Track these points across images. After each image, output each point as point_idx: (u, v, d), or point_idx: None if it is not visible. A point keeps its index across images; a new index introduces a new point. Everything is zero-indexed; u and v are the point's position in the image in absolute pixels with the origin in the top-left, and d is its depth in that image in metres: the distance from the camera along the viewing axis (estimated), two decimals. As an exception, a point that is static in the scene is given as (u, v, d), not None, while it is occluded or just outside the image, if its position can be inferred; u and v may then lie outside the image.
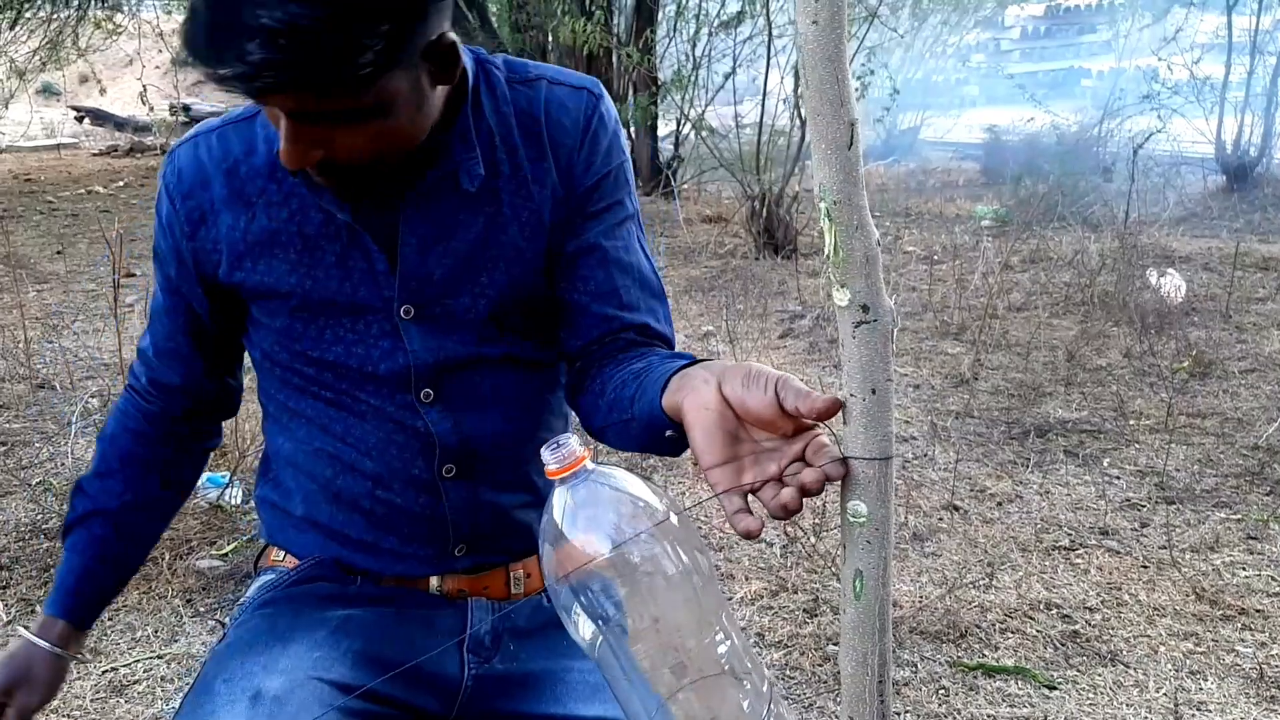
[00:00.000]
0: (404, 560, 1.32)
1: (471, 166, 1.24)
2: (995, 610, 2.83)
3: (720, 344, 5.33)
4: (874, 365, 1.16)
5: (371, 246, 1.24)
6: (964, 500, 3.63)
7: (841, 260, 1.14)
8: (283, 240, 1.23)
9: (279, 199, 1.23)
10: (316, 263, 1.24)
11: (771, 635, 2.72)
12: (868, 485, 1.20)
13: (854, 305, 1.15)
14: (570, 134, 1.29)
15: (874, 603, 1.23)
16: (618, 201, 1.33)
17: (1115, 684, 2.52)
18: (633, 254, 1.33)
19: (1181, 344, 5.25)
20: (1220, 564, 3.15)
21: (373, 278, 1.24)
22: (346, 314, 1.25)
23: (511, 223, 1.27)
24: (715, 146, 8.69)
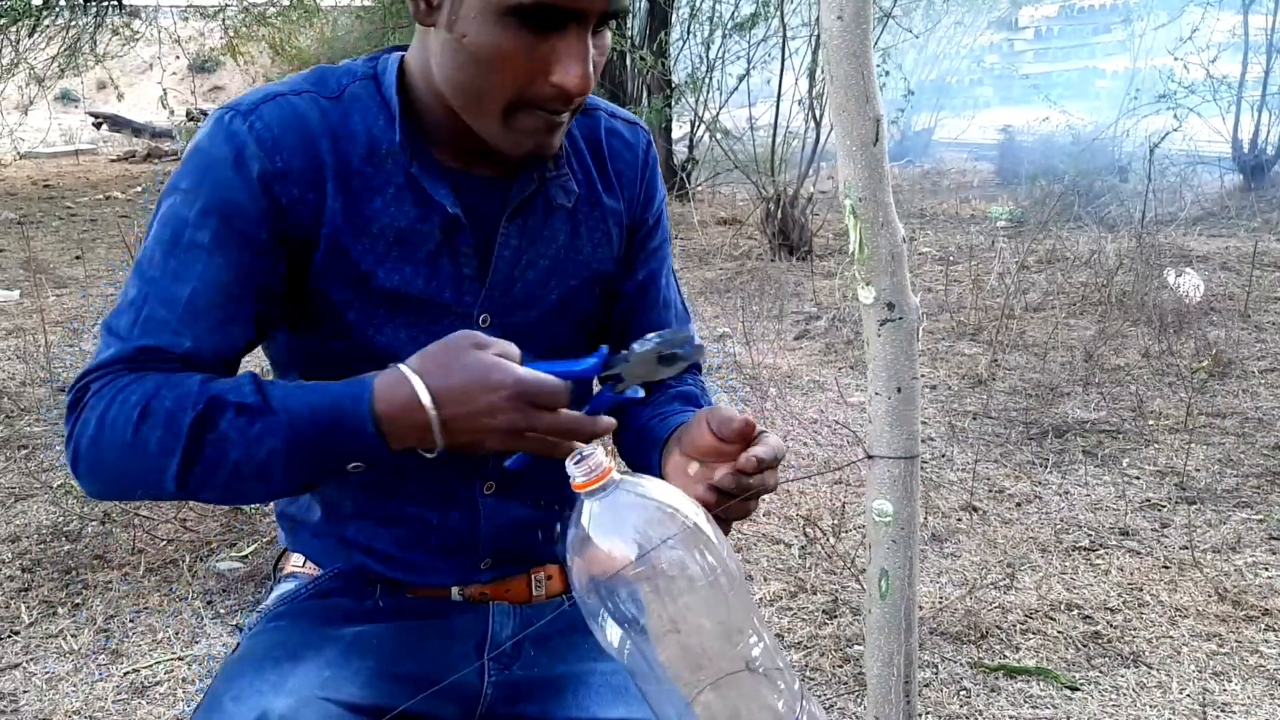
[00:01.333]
0: (429, 573, 1.31)
1: (565, 182, 1.28)
2: (1016, 611, 2.82)
3: (736, 345, 5.33)
4: (899, 363, 1.16)
5: (467, 248, 1.22)
6: (982, 501, 3.62)
7: (866, 258, 1.14)
8: (374, 230, 1.18)
9: (377, 184, 1.18)
10: (405, 256, 1.19)
11: (791, 636, 2.71)
12: (893, 484, 1.20)
13: (879, 303, 1.15)
14: (632, 168, 1.36)
15: (900, 602, 1.23)
16: (666, 238, 1.44)
17: (1138, 685, 2.50)
18: (672, 288, 1.45)
19: (1201, 343, 5.22)
20: (1242, 564, 3.13)
21: (459, 281, 1.22)
22: (424, 313, 1.21)
23: (585, 244, 1.32)
24: (729, 148, 8.68)
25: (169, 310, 1.09)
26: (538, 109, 1.12)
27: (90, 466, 1.06)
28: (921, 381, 4.94)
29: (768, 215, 7.80)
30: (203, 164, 1.13)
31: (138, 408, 1.03)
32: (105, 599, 2.91)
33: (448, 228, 1.20)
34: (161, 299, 1.10)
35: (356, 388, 1.03)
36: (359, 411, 1.01)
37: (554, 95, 1.10)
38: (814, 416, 4.48)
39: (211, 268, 1.11)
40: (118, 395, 1.05)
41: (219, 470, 1.03)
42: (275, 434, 1.02)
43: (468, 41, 1.08)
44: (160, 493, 1.04)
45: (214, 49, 16.09)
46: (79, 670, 2.59)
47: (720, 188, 10.66)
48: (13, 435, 4.12)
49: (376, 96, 1.19)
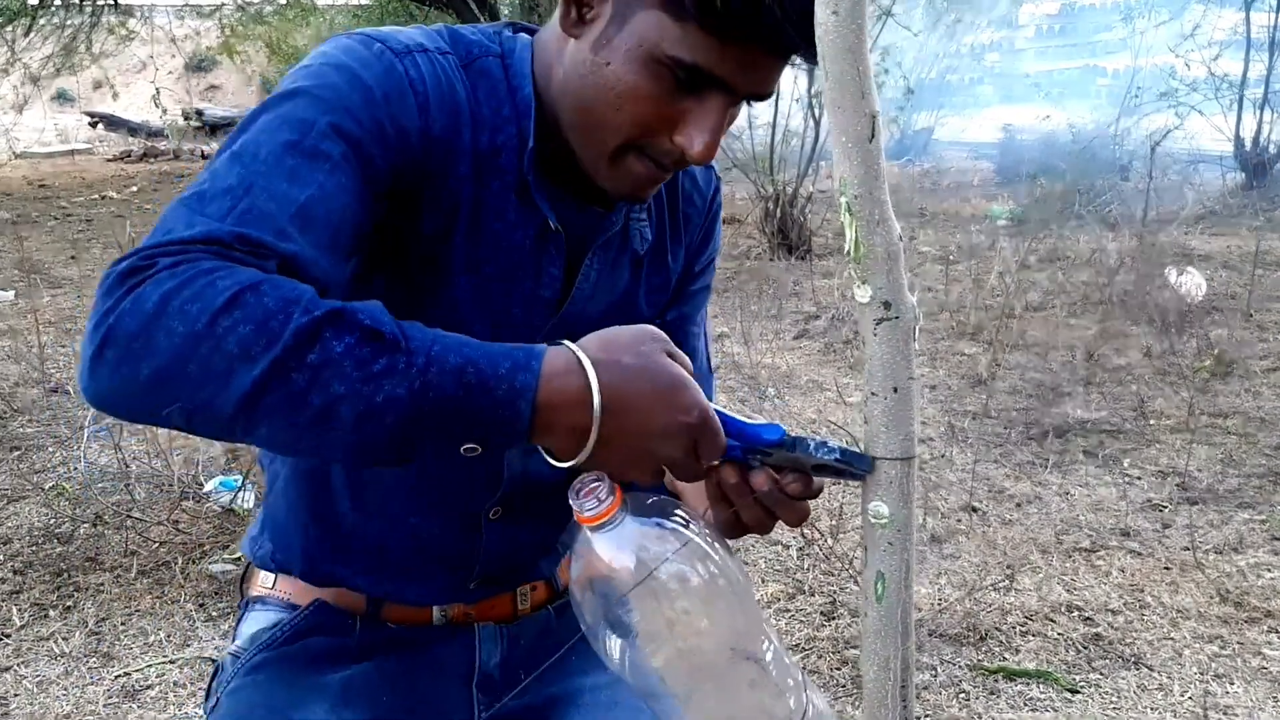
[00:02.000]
0: (413, 588, 1.25)
1: (644, 227, 1.22)
2: (1016, 613, 2.79)
3: (735, 345, 5.30)
4: (896, 363, 1.13)
5: (554, 269, 1.14)
6: (982, 501, 3.59)
7: (862, 256, 1.11)
8: (476, 225, 1.08)
9: (488, 177, 1.08)
10: (490, 260, 1.10)
11: (789, 638, 2.68)
12: (890, 486, 1.17)
13: (875, 302, 1.12)
14: (699, 212, 1.30)
15: (896, 605, 1.20)
16: (708, 286, 1.36)
17: (1139, 687, 2.47)
18: (701, 339, 1.36)
19: (1203, 343, 5.20)
20: (1244, 565, 3.10)
21: (534, 302, 1.14)
22: (489, 325, 1.11)
23: (645, 289, 1.26)
24: (728, 147, 8.65)
25: (280, 207, 0.88)
26: (650, 158, 1.06)
27: (124, 356, 0.78)
28: (921, 381, 4.91)
29: (766, 214, 7.77)
30: (348, 80, 0.98)
31: (226, 293, 0.78)
32: (97, 601, 2.88)
33: (541, 242, 1.12)
34: (271, 193, 0.89)
35: (522, 355, 0.85)
36: (518, 384, 0.83)
37: (672, 154, 1.04)
38: (813, 416, 4.45)
39: (334, 183, 0.93)
40: (199, 276, 0.80)
41: (307, 402, 0.78)
42: (403, 378, 0.80)
43: (610, 71, 1.01)
44: (210, 412, 0.79)
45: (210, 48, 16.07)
46: (70, 673, 2.56)
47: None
48: (5, 436, 4.09)
49: (504, 81, 1.10)
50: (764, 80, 1.03)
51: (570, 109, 1.07)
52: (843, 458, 1.08)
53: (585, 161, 1.08)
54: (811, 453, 1.06)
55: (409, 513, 1.22)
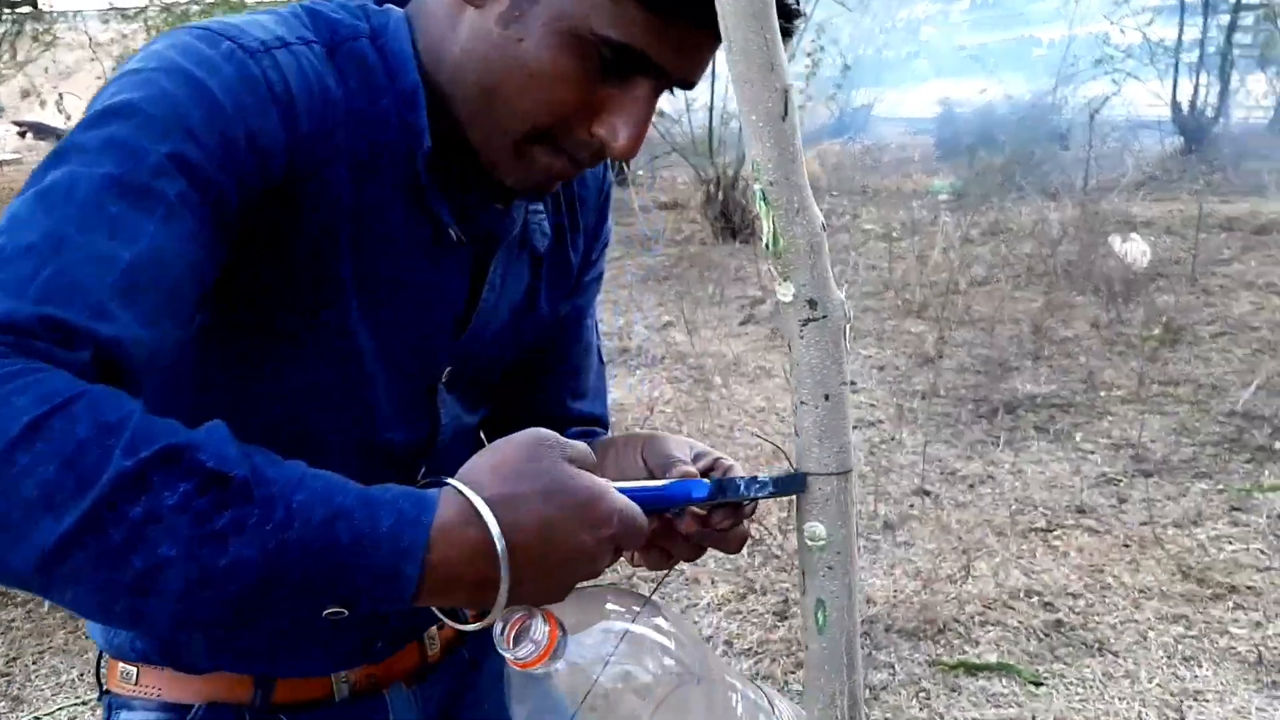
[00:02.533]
0: (308, 659, 1.08)
1: (542, 222, 1.07)
2: (974, 602, 2.69)
3: (679, 334, 5.18)
4: (826, 367, 1.00)
5: (457, 284, 0.98)
6: (934, 484, 3.49)
7: (782, 250, 0.97)
8: (360, 241, 0.90)
9: (370, 184, 0.90)
10: (381, 280, 0.93)
11: (740, 642, 2.56)
12: (825, 504, 1.05)
13: (799, 300, 0.99)
14: (592, 192, 1.14)
15: (840, 635, 1.07)
16: (601, 275, 1.21)
17: (1105, 675, 2.38)
18: (594, 330, 1.23)
19: (1150, 311, 5.14)
20: (1205, 539, 3.02)
21: (436, 323, 0.98)
22: (386, 354, 0.95)
23: (547, 289, 1.11)
24: (666, 130, 8.52)
25: (98, 272, 0.70)
26: (563, 150, 0.91)
27: None
28: (868, 362, 4.82)
29: (708, 198, 7.66)
30: (189, 91, 0.79)
31: (25, 415, 0.61)
32: (7, 639, 2.71)
33: (439, 254, 0.96)
34: (87, 253, 0.70)
35: (409, 507, 0.71)
36: (404, 544, 0.69)
37: (589, 146, 0.90)
38: (761, 405, 4.34)
39: (171, 233, 0.75)
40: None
41: (126, 564, 0.63)
42: (254, 537, 0.65)
43: (523, 48, 0.86)
44: (3, 569, 0.63)
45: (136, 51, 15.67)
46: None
47: (661, 172, 10.50)
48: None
49: (380, 66, 0.92)
50: (699, 65, 0.90)
51: (468, 92, 0.91)
52: (777, 489, 0.96)
53: (485, 153, 0.92)
54: (743, 494, 0.94)
55: None
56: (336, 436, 0.98)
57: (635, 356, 5.03)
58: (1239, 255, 6.35)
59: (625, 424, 4.05)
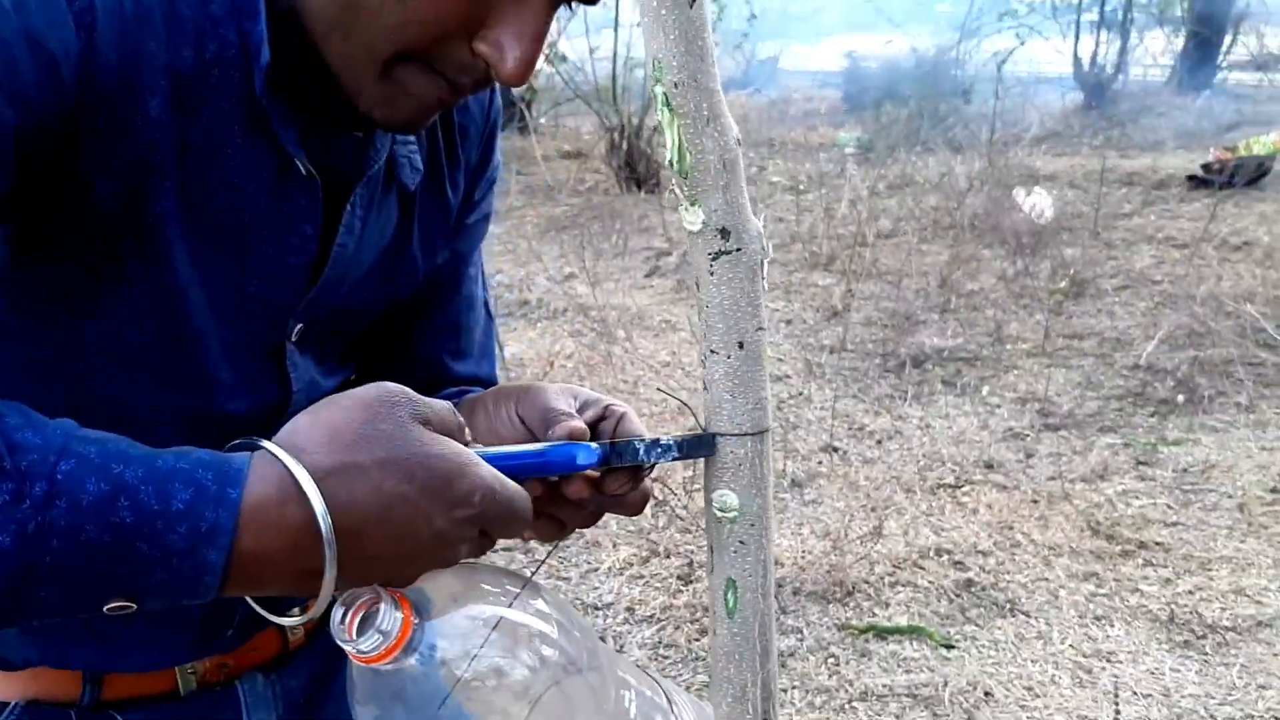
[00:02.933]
0: (143, 653, 0.92)
1: (412, 155, 0.90)
2: (883, 562, 2.60)
3: (582, 286, 5.02)
4: (740, 310, 0.86)
5: (307, 226, 0.82)
6: (843, 440, 3.41)
7: (689, 169, 0.82)
8: (185, 175, 0.74)
9: (197, 106, 0.74)
10: (212, 221, 0.77)
11: (642, 609, 2.44)
12: (738, 469, 0.90)
13: (709, 230, 0.84)
14: (477, 124, 0.98)
15: (753, 619, 0.94)
16: (487, 216, 1.05)
17: (1017, 637, 2.31)
18: (479, 282, 1.06)
19: (1056, 263, 5.13)
20: (1112, 494, 2.98)
21: (281, 273, 0.82)
22: (222, 312, 0.81)
23: (420, 232, 0.95)
24: (570, 77, 8.31)
25: None
26: (439, 73, 0.74)
27: None
28: (776, 316, 4.72)
29: (612, 146, 7.48)
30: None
31: None
32: None
33: (283, 191, 0.80)
34: None
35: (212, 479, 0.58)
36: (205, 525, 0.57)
37: (472, 70, 0.74)
38: (666, 359, 4.21)
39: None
40: None
41: None
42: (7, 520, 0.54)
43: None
44: None
45: None
46: None
47: (564, 120, 10.28)
48: None
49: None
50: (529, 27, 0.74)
51: (329, 10, 0.74)
52: (682, 453, 0.82)
53: (345, 78, 0.75)
54: (642, 459, 0.80)
55: None
56: (162, 407, 0.81)
57: (536, 309, 4.86)
58: (1139, 210, 6.38)
59: (524, 380, 3.89)
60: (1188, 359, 3.96)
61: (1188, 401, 3.65)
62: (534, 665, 0.72)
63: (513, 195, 7.20)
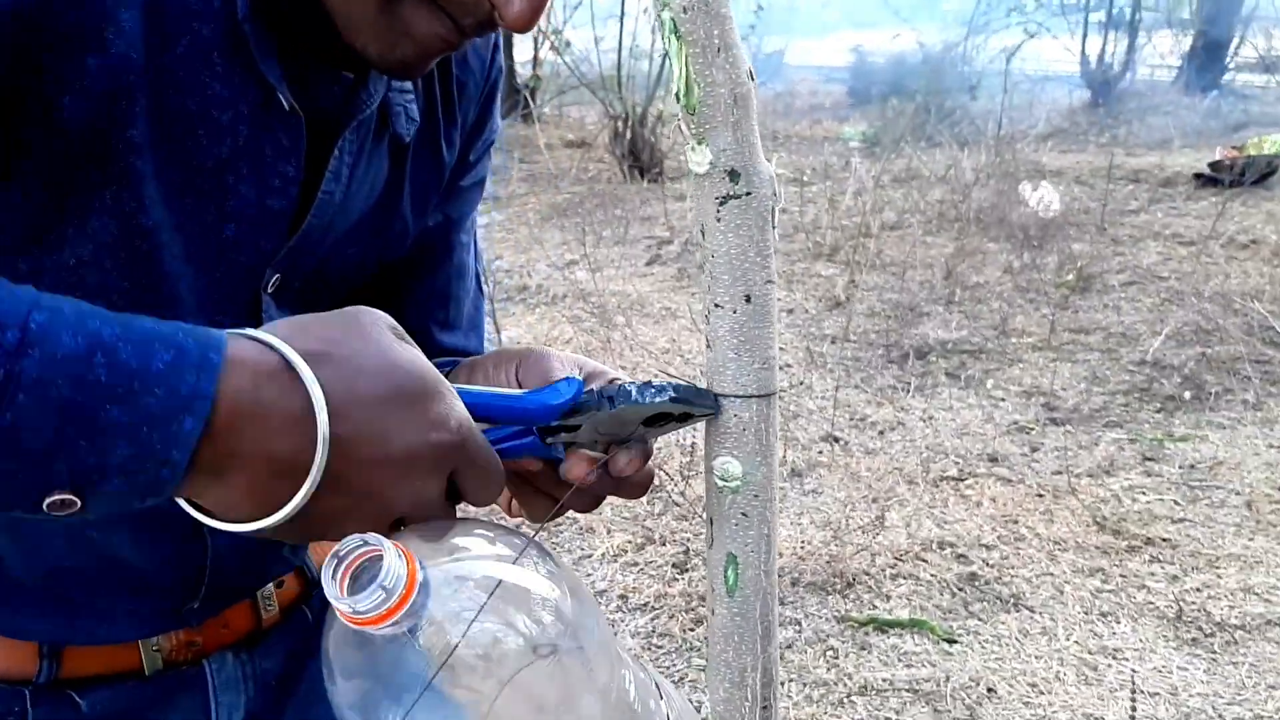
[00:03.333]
0: (105, 623, 0.86)
1: (408, 104, 0.84)
2: (885, 554, 2.54)
3: (582, 273, 4.96)
4: (748, 260, 0.79)
5: (288, 165, 0.75)
6: (844, 430, 3.35)
7: (697, 103, 0.76)
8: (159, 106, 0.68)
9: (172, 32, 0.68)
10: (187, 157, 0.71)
11: (636, 597, 2.38)
12: (742, 434, 0.84)
13: (718, 170, 0.77)
14: (477, 81, 0.92)
15: (755, 598, 0.88)
16: (482, 181, 0.99)
17: (1021, 632, 2.25)
18: (470, 250, 1.01)
19: (1064, 257, 5.07)
20: (1119, 489, 2.92)
21: (259, 216, 0.75)
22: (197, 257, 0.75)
23: (411, 189, 0.89)
24: (575, 65, 8.24)
25: None
26: (445, 12, 0.69)
27: None
28: (778, 305, 4.65)
29: (616, 135, 7.41)
30: None
31: None
32: None
33: (264, 127, 0.73)
34: None
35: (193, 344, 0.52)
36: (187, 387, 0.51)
37: (476, 11, 0.68)
38: (666, 346, 4.15)
39: None
40: None
41: None
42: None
43: None
44: None
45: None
46: None
47: (568, 109, 10.21)
48: None
49: None
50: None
51: None
52: (679, 396, 0.75)
53: (342, 13, 0.69)
54: (636, 401, 0.73)
55: (80, 534, 0.82)
56: None
57: (536, 294, 4.80)
58: (1145, 207, 6.32)
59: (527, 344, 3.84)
60: (1195, 355, 3.90)
61: (1194, 398, 3.59)
62: (534, 636, 0.65)
63: (515, 182, 7.14)
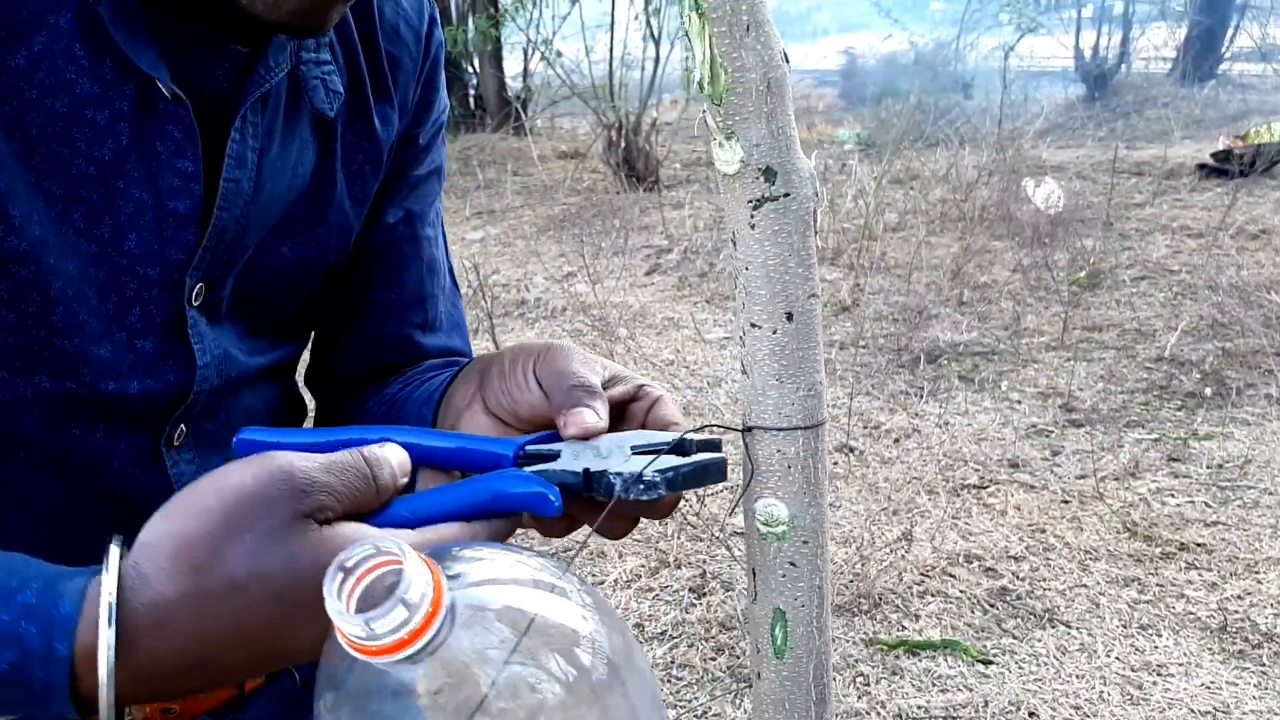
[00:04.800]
0: None
1: (329, 75, 0.75)
2: (911, 570, 2.43)
3: (582, 285, 4.85)
4: (789, 271, 0.69)
5: (184, 161, 0.67)
6: (859, 439, 3.24)
7: (724, 91, 0.66)
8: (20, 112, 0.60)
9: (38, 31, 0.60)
10: (62, 166, 0.63)
11: (653, 625, 2.27)
12: (787, 472, 0.74)
13: (750, 169, 0.67)
14: (412, 54, 0.83)
15: (807, 659, 0.77)
16: (439, 169, 0.91)
17: (1059, 650, 2.14)
18: (439, 244, 0.92)
19: (1076, 253, 4.96)
20: (1146, 492, 2.81)
21: (157, 219, 0.67)
22: (94, 277, 0.66)
23: (342, 168, 0.79)
24: (566, 75, 8.14)
25: None
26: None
27: None
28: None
29: (610, 144, 7.31)
30: None
31: None
32: None
33: (147, 121, 0.64)
34: None
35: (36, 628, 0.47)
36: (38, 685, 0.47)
37: None
38: (670, 358, 4.04)
39: None
40: None
41: None
42: None
43: None
44: None
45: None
46: None
47: (560, 121, 10.11)
48: None
49: None
50: None
51: None
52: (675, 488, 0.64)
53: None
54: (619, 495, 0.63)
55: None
56: (24, 394, 0.65)
57: (535, 308, 4.69)
58: (1150, 200, 6.22)
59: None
60: (1213, 350, 3.79)
61: (1216, 394, 3.48)
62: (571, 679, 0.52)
63: (509, 195, 7.04)
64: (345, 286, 0.85)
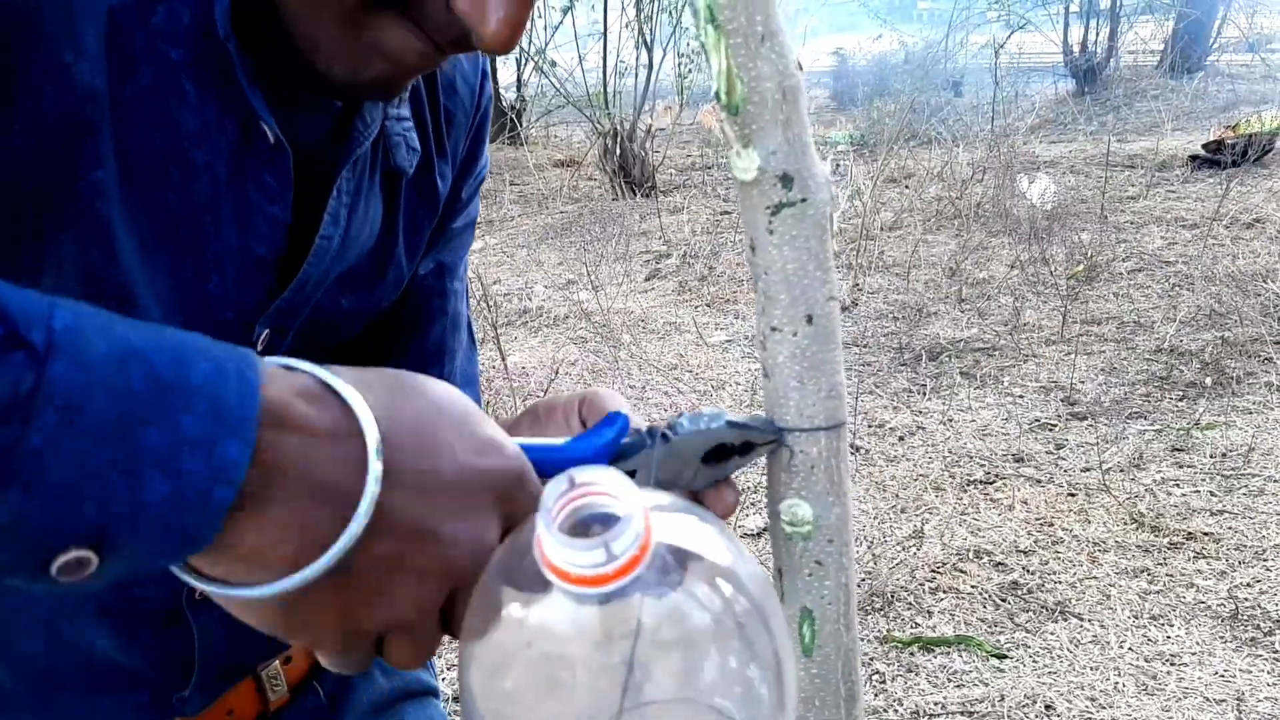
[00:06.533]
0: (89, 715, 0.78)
1: (408, 133, 0.76)
2: (922, 567, 2.45)
3: (583, 292, 4.87)
4: (808, 275, 0.70)
5: (275, 207, 0.67)
6: (863, 438, 3.26)
7: (740, 101, 0.67)
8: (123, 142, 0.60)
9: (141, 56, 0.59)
10: (158, 199, 0.62)
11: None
12: (810, 472, 0.75)
13: (768, 176, 0.68)
14: (466, 109, 0.83)
15: (835, 657, 0.78)
16: (474, 218, 0.91)
17: (1072, 642, 2.16)
18: (463, 299, 0.93)
19: (1072, 247, 4.98)
20: (1151, 483, 2.83)
21: (242, 265, 0.66)
22: (176, 312, 0.66)
23: (403, 226, 0.80)
24: (560, 83, 8.17)
25: None
26: (419, 26, 0.60)
27: None
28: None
29: (605, 151, 7.33)
30: None
31: None
32: None
33: (245, 164, 0.64)
34: None
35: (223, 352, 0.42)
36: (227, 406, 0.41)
37: (449, 29, 0.59)
38: (673, 362, 4.06)
39: None
40: None
41: None
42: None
43: None
44: None
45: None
46: None
47: (555, 129, 10.13)
48: None
49: None
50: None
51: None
52: (736, 422, 0.66)
53: (304, 27, 0.60)
54: (692, 432, 0.64)
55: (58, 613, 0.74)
56: None
57: (537, 317, 4.71)
58: (1144, 192, 6.24)
59: (528, 389, 3.74)
60: (1212, 340, 3.81)
61: (1216, 384, 3.50)
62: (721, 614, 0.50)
63: (507, 205, 7.06)
64: (372, 335, 0.84)
